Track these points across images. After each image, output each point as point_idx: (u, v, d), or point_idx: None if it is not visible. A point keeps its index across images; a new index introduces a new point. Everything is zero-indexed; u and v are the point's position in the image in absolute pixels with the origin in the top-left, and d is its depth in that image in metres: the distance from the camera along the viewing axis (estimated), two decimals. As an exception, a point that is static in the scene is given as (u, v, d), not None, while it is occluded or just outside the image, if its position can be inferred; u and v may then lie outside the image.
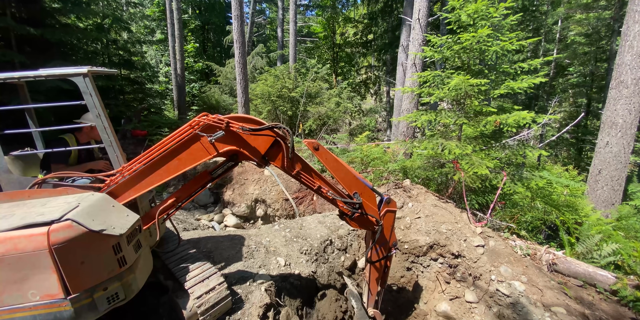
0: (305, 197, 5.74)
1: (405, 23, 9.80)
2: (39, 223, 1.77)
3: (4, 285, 1.74)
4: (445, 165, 5.24)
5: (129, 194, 2.26)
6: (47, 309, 1.85)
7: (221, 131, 2.13)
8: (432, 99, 4.86)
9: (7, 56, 7.76)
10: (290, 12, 15.08)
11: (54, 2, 10.07)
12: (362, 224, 2.60)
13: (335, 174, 2.42)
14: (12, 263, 1.72)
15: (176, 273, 2.73)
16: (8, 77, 2.40)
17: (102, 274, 1.94)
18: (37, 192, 2.17)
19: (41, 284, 1.81)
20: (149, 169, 2.20)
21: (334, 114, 11.18)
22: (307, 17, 24.41)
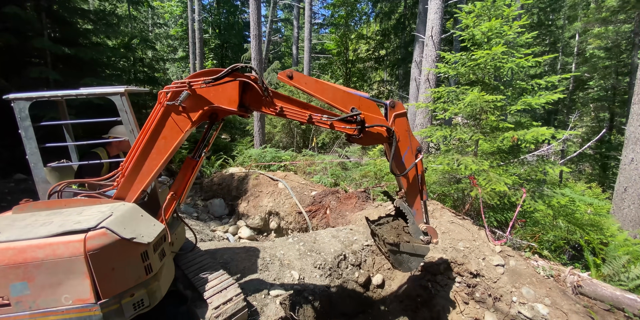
0: (318, 211, 5.77)
1: (418, 40, 10.02)
2: (76, 230, 1.88)
3: (40, 289, 1.85)
4: (462, 180, 5.18)
5: (135, 188, 2.27)
6: (78, 313, 1.92)
7: (185, 91, 2.06)
8: (447, 115, 4.89)
9: (43, 73, 8.42)
10: (305, 31, 15.74)
11: (86, 24, 10.97)
12: (374, 138, 2.35)
13: (323, 96, 2.21)
14: (49, 268, 1.83)
15: (195, 282, 2.80)
16: (52, 95, 2.65)
17: (130, 281, 2.02)
18: (73, 201, 2.33)
19: (74, 289, 1.89)
20: (141, 157, 2.20)
21: (347, 128, 11.35)
22: (320, 35, 25.31)
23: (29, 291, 1.82)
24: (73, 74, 9.32)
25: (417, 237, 2.58)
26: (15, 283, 1.79)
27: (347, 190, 6.22)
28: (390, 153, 2.39)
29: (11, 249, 1.77)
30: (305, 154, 8.92)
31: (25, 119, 2.37)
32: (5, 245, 1.77)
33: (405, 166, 2.47)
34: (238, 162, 9.50)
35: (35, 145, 2.44)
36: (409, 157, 2.48)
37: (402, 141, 2.41)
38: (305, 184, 6.74)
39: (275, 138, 11.99)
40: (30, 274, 1.81)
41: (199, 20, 15.38)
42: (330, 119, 2.25)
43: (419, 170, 2.54)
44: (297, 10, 19.29)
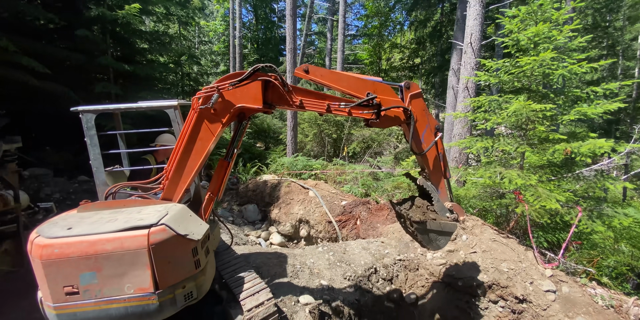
0: (348, 221, 5.70)
1: (456, 47, 9.70)
2: (140, 226, 2.09)
3: (106, 279, 2.05)
4: (505, 195, 4.80)
5: (179, 188, 2.47)
6: (138, 301, 2.10)
7: (215, 95, 2.23)
8: (489, 125, 4.62)
9: (106, 88, 9.54)
10: (339, 42, 16.06)
11: (143, 43, 12.28)
12: (392, 120, 2.41)
13: (339, 85, 2.30)
14: (116, 259, 2.04)
15: (230, 284, 2.90)
16: (116, 108, 2.99)
17: (183, 274, 2.20)
18: (130, 201, 2.56)
19: (136, 279, 2.09)
20: (181, 160, 2.40)
21: (378, 137, 11.18)
22: (353, 46, 25.63)
23: (97, 280, 2.02)
24: (131, 88, 10.45)
25: (443, 214, 2.59)
26: (85, 273, 2.00)
27: (379, 201, 6.08)
28: (409, 133, 2.43)
29: (84, 242, 1.99)
30: (335, 163, 8.94)
31: (91, 129, 2.64)
32: (78, 238, 1.99)
33: (425, 145, 2.52)
34: (271, 170, 9.79)
35: (99, 151, 2.70)
36: (428, 136, 2.53)
37: (419, 121, 2.47)
38: (335, 193, 6.72)
39: (306, 147, 12.21)
40: (99, 265, 2.02)
41: (239, 37, 16.48)
42: (348, 105, 2.33)
43: (439, 148, 2.59)
44: (331, 23, 19.82)
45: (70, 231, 2.02)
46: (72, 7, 9.76)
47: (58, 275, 1.95)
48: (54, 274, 1.94)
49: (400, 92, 2.47)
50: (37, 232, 2.04)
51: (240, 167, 10.73)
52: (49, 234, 2.00)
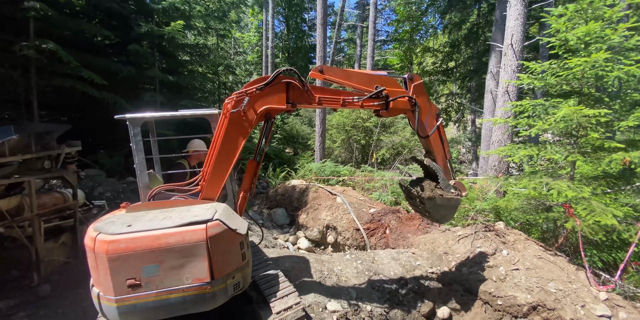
0: (377, 230, 5.56)
1: (495, 49, 9.21)
2: (199, 221, 2.27)
3: (167, 270, 2.20)
4: (553, 209, 4.39)
5: (216, 187, 2.67)
6: (196, 291, 2.26)
7: (246, 98, 2.44)
8: (533, 132, 4.28)
9: (153, 97, 10.41)
10: (368, 48, 16.03)
11: (185, 55, 13.24)
12: (399, 109, 2.70)
13: (351, 81, 2.56)
14: (178, 251, 2.20)
15: (261, 285, 2.96)
16: (162, 115, 3.21)
17: (233, 265, 2.37)
18: (175, 202, 2.73)
19: (195, 270, 2.24)
20: (217, 161, 2.57)
21: (409, 143, 10.87)
22: (383, 51, 25.42)
23: (159, 272, 2.17)
24: (174, 97, 11.31)
25: (448, 191, 2.91)
26: (148, 265, 2.15)
27: (410, 210, 5.87)
28: (415, 119, 2.74)
29: (149, 237, 2.15)
30: (364, 170, 8.83)
31: (137, 135, 2.78)
32: (142, 234, 2.15)
33: (429, 130, 2.83)
34: (299, 175, 9.92)
35: (143, 156, 2.82)
36: (431, 121, 2.85)
37: (423, 108, 2.78)
38: (363, 200, 6.62)
39: (334, 153, 12.22)
40: (161, 257, 2.18)
41: (272, 47, 17.16)
42: (360, 99, 2.59)
43: (441, 132, 2.91)
44: (360, 30, 19.89)
45: (130, 228, 2.18)
46: (125, 25, 10.87)
47: (122, 268, 2.09)
48: (119, 267, 2.08)
49: (404, 83, 2.75)
50: (96, 229, 2.20)
51: (270, 172, 11.01)
52: (111, 230, 2.15)
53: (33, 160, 4.40)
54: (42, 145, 4.43)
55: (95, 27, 9.53)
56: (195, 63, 13.28)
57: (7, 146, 3.89)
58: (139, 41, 10.71)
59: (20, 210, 4.25)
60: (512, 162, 7.07)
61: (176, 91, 12.02)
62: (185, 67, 12.72)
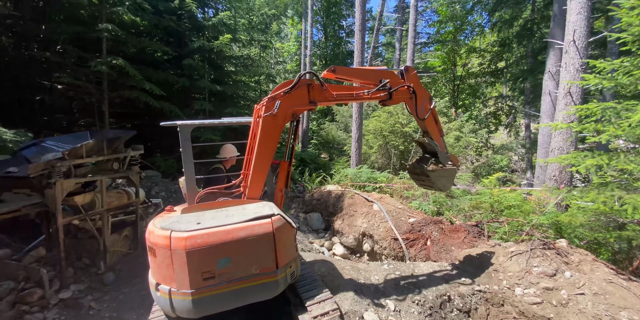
0: (417, 240, 5.30)
1: (553, 46, 8.35)
2: (263, 216, 2.48)
3: (238, 262, 2.38)
4: (627, 226, 3.78)
5: (259, 186, 2.89)
6: (262, 279, 2.44)
7: (278, 101, 2.68)
8: (604, 138, 3.76)
9: (202, 106, 11.30)
10: (408, 51, 15.60)
11: (230, 67, 14.17)
12: (400, 97, 3.12)
13: (360, 78, 2.97)
14: (247, 244, 2.38)
15: (298, 288, 3.00)
16: (210, 123, 3.45)
17: (290, 256, 2.59)
18: (226, 202, 2.90)
19: (262, 260, 2.43)
20: (257, 162, 2.78)
21: (452, 150, 10.25)
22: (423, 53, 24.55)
23: (230, 264, 2.35)
24: (220, 105, 12.17)
25: (445, 163, 3.38)
26: (221, 258, 2.32)
27: (454, 221, 5.49)
28: (414, 106, 3.19)
29: (221, 231, 2.33)
30: (402, 177, 8.51)
31: (186, 141, 2.94)
32: (214, 229, 2.33)
33: (424, 113, 3.26)
34: (335, 181, 9.92)
35: (191, 160, 2.97)
36: (426, 105, 3.26)
37: (419, 94, 3.20)
38: (402, 208, 6.37)
39: (370, 158, 12.00)
40: (233, 250, 2.35)
41: (310, 55, 17.61)
42: (369, 91, 2.96)
43: (434, 113, 3.35)
44: (400, 33, 19.48)
45: (200, 225, 2.35)
46: (180, 41, 12.03)
47: (198, 262, 2.25)
48: (195, 262, 2.24)
49: (401, 75, 3.17)
50: (164, 228, 2.34)
51: (306, 177, 11.19)
52: (184, 228, 2.31)
53: (104, 162, 5.04)
54: (112, 149, 5.05)
55: (156, 44, 10.71)
56: (240, 73, 14.15)
57: (84, 149, 4.52)
58: (192, 55, 11.77)
59: (93, 205, 4.87)
60: (577, 172, 6.26)
61: (222, 100, 12.92)
62: (230, 77, 13.62)
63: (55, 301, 4.07)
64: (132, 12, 9.55)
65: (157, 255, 2.31)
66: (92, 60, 8.96)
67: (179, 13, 11.35)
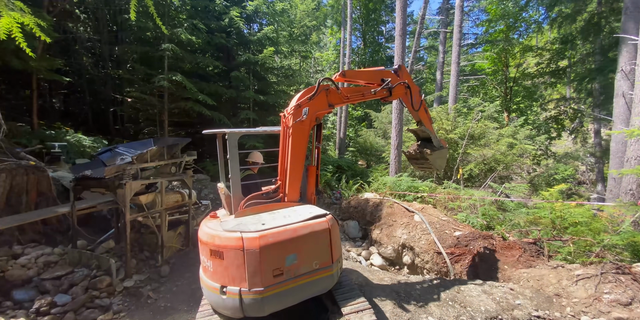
0: (463, 256, 4.92)
1: (626, 42, 7.29)
2: (320, 215, 2.74)
3: (302, 258, 2.57)
4: None
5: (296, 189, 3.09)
6: (321, 274, 2.65)
7: (306, 108, 2.91)
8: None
9: (247, 115, 12.02)
10: (453, 54, 14.86)
11: (272, 77, 14.89)
12: (398, 94, 3.49)
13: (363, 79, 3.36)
14: (309, 241, 2.61)
15: (336, 296, 3.00)
16: (255, 131, 3.68)
17: (339, 252, 2.82)
18: (275, 205, 3.07)
19: (321, 255, 2.64)
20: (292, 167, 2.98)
21: (504, 158, 9.39)
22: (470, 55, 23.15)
23: (296, 261, 2.54)
24: (263, 114, 12.84)
25: (438, 146, 3.85)
26: (289, 255, 2.52)
27: (507, 237, 5.00)
28: (409, 99, 3.61)
29: (288, 230, 2.54)
30: (446, 186, 8.02)
31: (233, 148, 3.07)
32: (280, 228, 2.53)
33: (417, 104, 3.66)
34: (373, 188, 9.72)
35: (238, 166, 3.10)
36: (418, 98, 3.66)
37: (412, 89, 3.61)
38: (446, 221, 6.00)
39: (411, 166, 11.55)
40: (298, 247, 2.56)
41: (348, 62, 17.73)
42: (375, 91, 3.29)
43: (424, 105, 3.76)
44: (444, 35, 18.67)
45: (265, 226, 2.53)
46: (228, 56, 13.03)
47: (270, 260, 2.42)
48: (267, 259, 2.40)
49: (396, 73, 3.49)
50: (231, 230, 2.47)
51: (343, 184, 11.15)
52: (253, 228, 2.48)
53: (164, 166, 5.62)
54: (171, 154, 5.63)
55: (208, 60, 11.77)
56: (281, 83, 14.81)
57: (149, 155, 5.10)
58: (239, 68, 12.66)
59: (154, 204, 5.45)
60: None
61: (265, 109, 13.61)
62: (272, 87, 14.32)
63: (120, 289, 4.60)
64: (189, 31, 10.65)
65: (226, 258, 2.40)
66: (155, 76, 10.15)
67: (228, 30, 12.34)
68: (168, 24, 10.56)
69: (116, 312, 4.18)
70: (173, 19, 11.03)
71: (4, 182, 5.24)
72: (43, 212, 5.32)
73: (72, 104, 14.96)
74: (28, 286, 4.32)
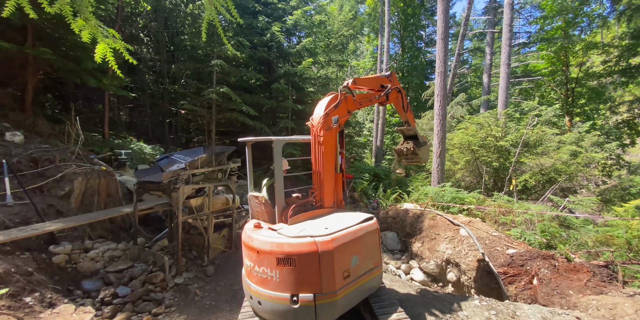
0: (519, 276, 4.43)
1: None
2: (368, 217, 2.93)
3: (362, 259, 2.70)
4: None
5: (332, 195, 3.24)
6: (374, 273, 2.81)
7: (335, 117, 3.12)
8: None
9: (286, 124, 12.45)
10: (502, 55, 13.86)
11: (310, 87, 15.25)
12: (393, 97, 3.78)
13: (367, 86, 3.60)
14: (365, 241, 2.76)
15: (375, 310, 2.92)
16: (297, 139, 3.78)
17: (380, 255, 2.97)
18: (317, 211, 3.14)
19: (374, 255, 2.81)
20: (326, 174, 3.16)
21: (567, 168, 8.36)
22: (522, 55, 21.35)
23: (358, 262, 2.69)
24: (301, 123, 13.19)
25: (423, 141, 4.25)
26: (354, 256, 2.66)
27: (571, 258, 4.40)
28: (400, 101, 3.87)
29: (351, 232, 2.69)
30: (497, 199, 7.36)
31: (278, 155, 3.14)
32: (343, 231, 2.66)
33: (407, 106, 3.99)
34: (413, 199, 9.32)
35: (282, 173, 3.11)
36: (406, 101, 3.97)
37: (402, 93, 3.89)
38: (497, 236, 5.48)
39: (456, 176, 10.84)
40: (359, 248, 2.71)
41: (386, 69, 17.50)
42: (379, 95, 3.61)
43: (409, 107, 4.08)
44: (491, 36, 17.55)
45: (329, 229, 2.62)
46: (269, 68, 13.73)
47: (340, 262, 2.52)
48: (339, 261, 2.50)
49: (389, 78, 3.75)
50: (300, 236, 2.50)
51: (380, 193, 10.86)
52: (323, 233, 2.54)
53: (212, 172, 6.04)
54: (218, 161, 6.03)
55: (251, 73, 12.54)
56: (318, 92, 15.13)
57: (199, 161, 5.53)
58: (278, 80, 13.26)
59: (202, 207, 5.86)
60: None
61: (302, 118, 13.97)
62: (310, 97, 14.69)
63: (171, 284, 4.97)
64: (235, 47, 11.48)
65: (298, 264, 2.37)
66: (205, 90, 11.07)
67: (269, 44, 13.05)
68: (217, 42, 11.53)
69: (167, 306, 4.52)
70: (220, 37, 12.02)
71: (81, 184, 6.07)
72: (110, 211, 6.04)
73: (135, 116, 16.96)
74: (95, 277, 4.89)
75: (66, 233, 5.46)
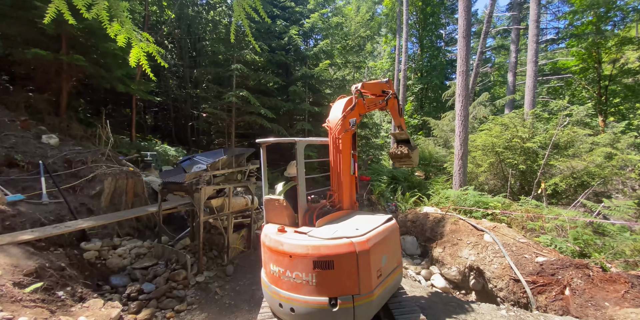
0: (549, 286, 4.17)
1: None
2: (389, 218, 3.06)
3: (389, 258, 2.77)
4: None
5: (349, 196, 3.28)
6: (398, 272, 2.91)
7: (353, 119, 3.18)
8: None
9: (303, 126, 12.53)
10: (529, 52, 13.24)
11: (326, 89, 15.29)
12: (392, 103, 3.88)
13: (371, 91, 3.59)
14: (391, 241, 2.86)
15: (396, 316, 2.89)
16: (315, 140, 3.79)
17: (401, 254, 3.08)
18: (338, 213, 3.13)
19: (397, 254, 2.93)
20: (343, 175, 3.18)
21: (601, 171, 7.81)
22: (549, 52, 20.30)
23: (386, 261, 2.76)
24: (317, 125, 13.24)
25: (414, 145, 4.38)
26: (384, 255, 2.73)
27: (607, 268, 4.09)
28: (396, 107, 4.03)
29: (380, 233, 2.75)
30: (524, 203, 6.99)
31: (301, 156, 3.09)
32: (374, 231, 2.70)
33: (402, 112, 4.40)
34: (433, 202, 9.05)
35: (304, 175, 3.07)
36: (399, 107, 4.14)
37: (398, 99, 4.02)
38: (525, 243, 5.20)
39: (479, 179, 10.42)
40: (387, 247, 2.79)
41: (404, 70, 17.21)
42: (383, 100, 3.69)
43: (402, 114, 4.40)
44: (516, 33, 16.83)
45: (360, 231, 2.62)
46: (287, 71, 13.90)
47: (374, 262, 2.56)
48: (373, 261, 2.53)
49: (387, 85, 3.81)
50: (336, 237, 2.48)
51: (399, 196, 10.64)
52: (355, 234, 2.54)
53: (232, 173, 6.17)
54: (238, 163, 6.15)
55: (269, 76, 12.75)
56: (335, 94, 15.13)
57: (220, 163, 5.67)
58: (296, 82, 13.39)
59: (222, 208, 5.99)
60: None
61: (319, 120, 14.03)
62: (327, 98, 14.73)
63: (193, 282, 5.11)
64: (253, 52, 11.73)
65: (336, 266, 2.33)
66: (225, 94, 11.38)
67: (287, 48, 13.22)
68: (236, 47, 11.83)
69: (189, 304, 4.64)
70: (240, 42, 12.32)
71: (110, 184, 6.39)
72: (137, 210, 6.31)
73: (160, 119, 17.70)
74: (122, 273, 5.11)
75: (96, 230, 5.76)
